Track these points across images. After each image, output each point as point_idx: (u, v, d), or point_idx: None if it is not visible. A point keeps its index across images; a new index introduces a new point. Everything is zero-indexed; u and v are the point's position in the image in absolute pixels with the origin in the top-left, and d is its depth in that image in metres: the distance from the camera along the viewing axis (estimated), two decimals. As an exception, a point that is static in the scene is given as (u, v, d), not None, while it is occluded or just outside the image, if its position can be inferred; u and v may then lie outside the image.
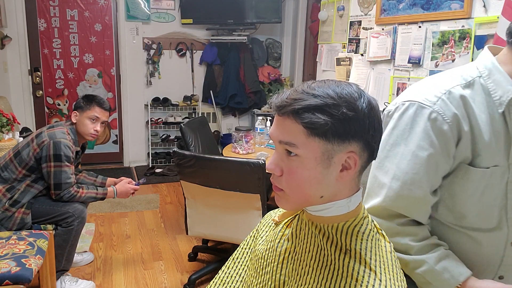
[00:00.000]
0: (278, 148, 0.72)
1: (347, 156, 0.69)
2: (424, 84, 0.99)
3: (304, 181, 0.69)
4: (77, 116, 2.31)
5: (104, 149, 4.76)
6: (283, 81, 5.00)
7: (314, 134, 0.67)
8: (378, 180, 0.96)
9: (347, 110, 0.66)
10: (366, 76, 3.12)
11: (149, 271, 2.60)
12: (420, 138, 0.91)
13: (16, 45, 4.10)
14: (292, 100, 0.68)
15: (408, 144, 0.92)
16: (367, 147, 0.70)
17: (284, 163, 0.71)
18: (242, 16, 4.50)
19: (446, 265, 0.91)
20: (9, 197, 2.13)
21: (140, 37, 4.52)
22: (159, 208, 3.63)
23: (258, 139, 3.11)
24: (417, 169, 0.91)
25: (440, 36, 2.43)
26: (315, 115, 0.66)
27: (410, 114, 0.93)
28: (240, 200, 2.10)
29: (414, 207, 0.94)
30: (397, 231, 0.94)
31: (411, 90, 0.99)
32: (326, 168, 0.69)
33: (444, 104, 0.90)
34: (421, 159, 0.91)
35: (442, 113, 0.90)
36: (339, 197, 0.72)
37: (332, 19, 3.56)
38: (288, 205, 0.75)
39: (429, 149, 0.90)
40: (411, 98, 0.95)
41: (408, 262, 0.93)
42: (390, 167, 0.94)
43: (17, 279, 1.68)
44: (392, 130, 0.96)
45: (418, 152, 0.91)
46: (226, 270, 0.95)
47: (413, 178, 0.92)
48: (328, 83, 0.70)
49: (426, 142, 0.91)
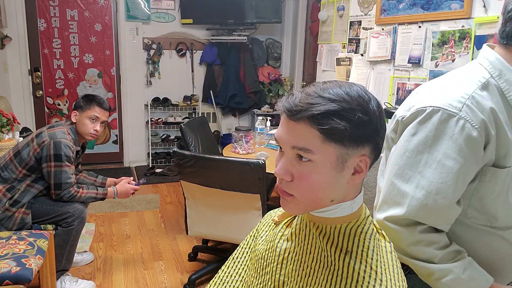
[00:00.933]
0: (288, 152, 0.69)
1: (359, 160, 0.68)
2: (439, 88, 0.95)
3: (318, 186, 0.68)
4: (77, 116, 2.31)
5: (104, 149, 4.76)
6: (283, 81, 5.00)
7: (330, 140, 0.65)
8: (397, 188, 0.92)
9: (362, 114, 0.65)
10: (366, 76, 3.12)
11: (149, 271, 2.60)
12: (446, 146, 0.87)
13: (16, 45, 4.10)
14: (307, 105, 0.65)
15: (433, 152, 0.89)
16: (376, 149, 0.70)
17: (295, 168, 0.69)
18: (242, 16, 4.49)
19: (472, 273, 0.90)
20: (9, 197, 2.13)
21: (140, 37, 4.52)
22: (159, 208, 3.63)
23: (258, 139, 3.11)
24: (444, 178, 0.88)
25: (440, 36, 2.43)
26: (334, 121, 0.64)
27: (434, 121, 0.88)
28: (240, 200, 2.10)
29: (438, 217, 0.91)
30: (419, 239, 0.91)
31: (426, 94, 0.95)
32: (340, 172, 0.68)
33: (470, 110, 0.87)
34: (448, 168, 0.87)
35: (470, 120, 0.86)
36: (346, 199, 0.72)
37: (332, 19, 3.57)
38: (297, 210, 0.73)
39: (457, 158, 0.87)
40: (432, 104, 0.90)
41: (434, 271, 0.90)
42: (412, 175, 0.90)
43: (17, 279, 1.68)
44: (412, 136, 0.91)
45: (445, 161, 0.87)
46: (226, 269, 0.95)
47: (438, 188, 0.88)
48: (339, 85, 0.68)
49: (454, 151, 0.87)
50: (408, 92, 2.72)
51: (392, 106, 2.82)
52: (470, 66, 0.99)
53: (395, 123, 1.00)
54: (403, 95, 2.77)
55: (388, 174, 0.95)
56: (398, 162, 0.93)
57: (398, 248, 0.93)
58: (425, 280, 0.93)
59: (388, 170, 0.95)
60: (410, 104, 0.96)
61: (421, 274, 0.93)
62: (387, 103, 2.86)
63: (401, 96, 2.78)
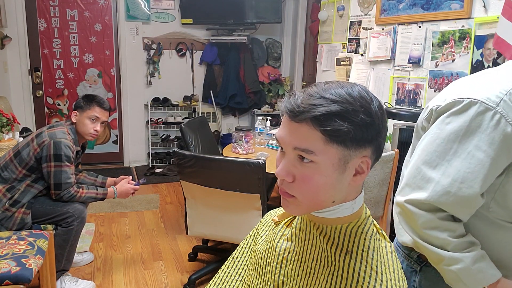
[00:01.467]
0: (289, 154, 0.69)
1: (361, 161, 0.68)
2: (477, 81, 0.96)
3: (319, 188, 0.68)
4: (77, 116, 2.31)
5: (104, 149, 4.76)
6: (283, 81, 5.00)
7: (333, 141, 0.65)
8: (423, 173, 0.93)
9: (365, 115, 0.65)
10: (366, 76, 3.12)
11: (149, 271, 2.60)
12: (479, 139, 0.88)
13: (16, 45, 4.10)
14: (310, 106, 0.65)
15: (464, 143, 0.89)
16: (378, 150, 0.70)
17: (296, 170, 0.69)
18: (242, 16, 4.50)
19: (482, 266, 0.91)
20: (9, 197, 2.13)
21: (140, 37, 4.52)
22: (159, 208, 3.63)
23: (258, 139, 3.11)
24: (472, 168, 0.88)
25: (440, 36, 2.43)
26: (337, 122, 0.64)
27: (470, 112, 0.89)
28: (240, 200, 2.10)
29: (460, 206, 0.91)
30: (437, 224, 0.92)
31: (464, 86, 0.96)
32: (342, 173, 0.68)
33: (506, 106, 0.88)
34: (477, 160, 0.88)
35: (505, 115, 0.87)
36: (347, 200, 0.72)
37: (332, 19, 3.57)
38: (298, 211, 0.73)
39: (488, 151, 0.88)
40: (470, 96, 0.90)
41: (444, 258, 0.91)
42: (440, 162, 0.91)
43: (17, 279, 1.68)
44: (446, 125, 0.92)
45: (475, 153, 0.88)
46: (226, 269, 0.95)
47: (464, 177, 0.89)
48: (341, 85, 0.68)
49: (486, 143, 0.88)
50: (408, 92, 2.72)
51: (392, 106, 2.82)
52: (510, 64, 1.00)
53: (428, 112, 1.00)
54: (403, 95, 2.77)
55: (415, 159, 0.96)
56: (427, 149, 0.93)
57: (413, 230, 0.94)
58: (434, 265, 0.95)
59: (416, 156, 0.96)
60: (446, 95, 0.97)
61: (431, 259, 0.95)
62: (387, 103, 2.86)
63: (401, 96, 2.78)
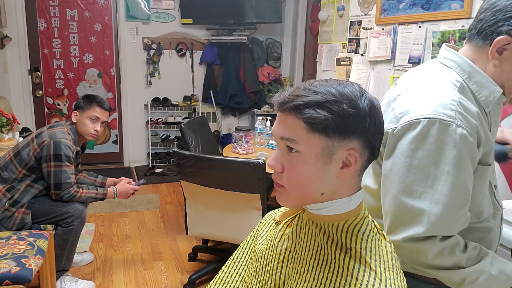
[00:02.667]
0: (279, 144, 0.73)
1: (347, 153, 0.69)
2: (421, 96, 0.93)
3: (304, 177, 0.70)
4: (77, 116, 2.31)
5: (104, 149, 4.76)
6: (283, 81, 5.00)
7: (314, 130, 0.67)
8: (410, 207, 0.89)
9: (348, 107, 0.67)
10: (366, 76, 3.12)
11: (149, 271, 2.60)
12: (453, 156, 0.87)
13: (16, 45, 4.10)
14: (294, 97, 0.69)
15: (439, 164, 0.87)
16: (368, 145, 0.70)
17: (285, 160, 0.72)
18: (242, 16, 4.50)
19: (499, 267, 0.91)
20: (9, 197, 2.13)
21: (140, 37, 4.52)
22: (159, 208, 3.63)
23: (258, 139, 3.11)
24: (457, 188, 0.87)
25: (440, 36, 2.43)
26: (315, 111, 0.66)
27: (433, 133, 0.87)
28: (240, 200, 2.10)
29: (457, 226, 0.91)
30: (442, 247, 0.89)
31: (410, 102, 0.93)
32: (327, 164, 0.69)
33: (462, 117, 0.87)
34: (459, 178, 0.87)
35: (465, 127, 0.87)
36: (340, 195, 0.72)
37: (332, 19, 3.56)
38: (288, 202, 0.75)
39: (465, 166, 0.88)
40: (425, 115, 0.88)
41: (466, 275, 0.89)
42: (423, 191, 0.88)
43: (17, 279, 1.68)
44: (415, 152, 0.89)
45: (454, 171, 0.87)
46: (226, 270, 0.95)
47: (455, 199, 0.88)
48: (330, 82, 0.70)
49: (461, 160, 0.87)
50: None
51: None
52: (436, 68, 0.99)
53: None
54: (403, 95, 2.76)
55: (393, 193, 0.92)
56: (404, 180, 0.90)
57: (424, 264, 0.91)
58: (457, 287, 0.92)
59: (392, 189, 0.92)
60: (396, 112, 0.94)
61: (452, 282, 0.92)
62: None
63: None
